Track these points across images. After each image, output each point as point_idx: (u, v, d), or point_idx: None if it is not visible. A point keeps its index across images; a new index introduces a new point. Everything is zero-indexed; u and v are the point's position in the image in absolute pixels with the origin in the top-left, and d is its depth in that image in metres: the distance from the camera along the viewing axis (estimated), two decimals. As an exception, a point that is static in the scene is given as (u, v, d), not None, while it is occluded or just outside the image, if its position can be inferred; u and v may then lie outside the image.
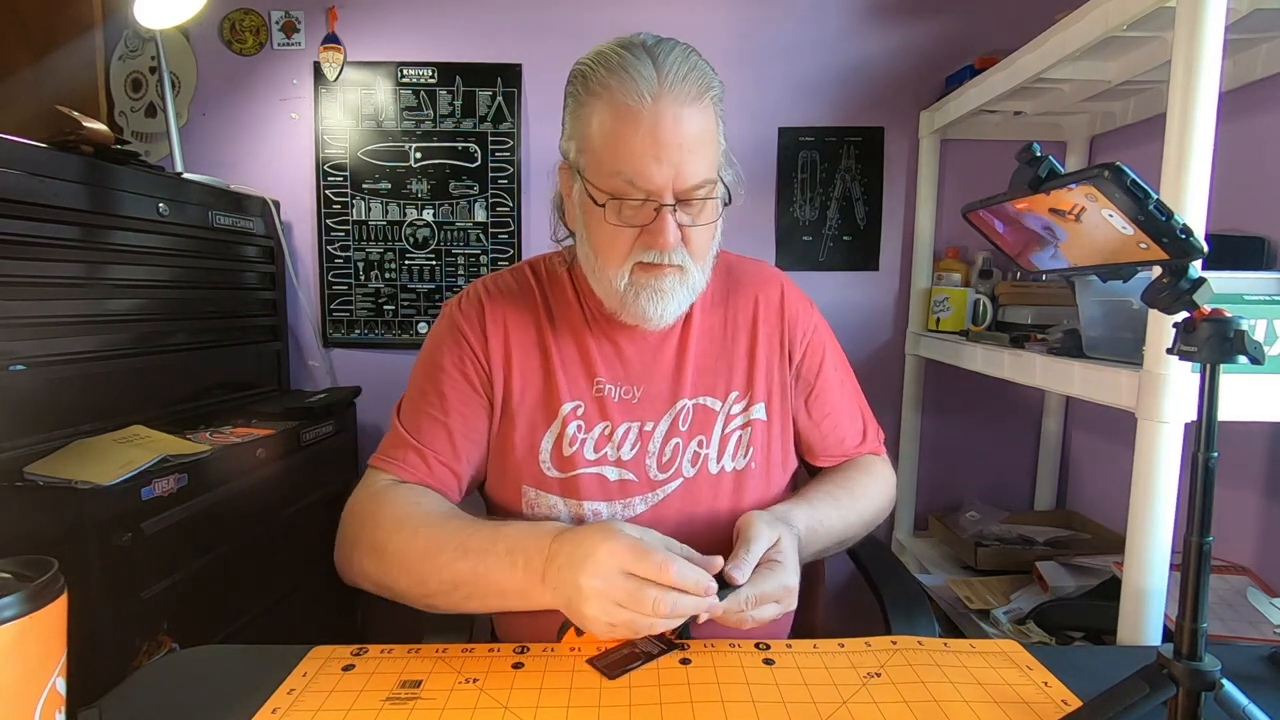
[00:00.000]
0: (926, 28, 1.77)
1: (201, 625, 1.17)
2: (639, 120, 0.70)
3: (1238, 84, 1.22)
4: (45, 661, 0.47)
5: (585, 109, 0.74)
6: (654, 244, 0.73)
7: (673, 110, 0.70)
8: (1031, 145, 0.50)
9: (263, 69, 1.79)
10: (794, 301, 0.93)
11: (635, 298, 0.77)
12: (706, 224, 0.76)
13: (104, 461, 1.03)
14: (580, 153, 0.76)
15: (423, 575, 0.72)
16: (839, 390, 0.94)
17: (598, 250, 0.78)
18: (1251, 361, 0.48)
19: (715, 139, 0.75)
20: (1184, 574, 0.52)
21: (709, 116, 0.73)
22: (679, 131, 0.70)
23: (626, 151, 0.71)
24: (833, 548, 0.86)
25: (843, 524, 0.85)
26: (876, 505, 0.91)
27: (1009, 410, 1.85)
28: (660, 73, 0.70)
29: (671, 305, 0.77)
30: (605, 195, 0.73)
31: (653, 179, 0.71)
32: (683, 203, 0.74)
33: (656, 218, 0.73)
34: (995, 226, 0.60)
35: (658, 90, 0.70)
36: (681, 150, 0.70)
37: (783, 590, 0.68)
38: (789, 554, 0.70)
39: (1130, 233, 0.47)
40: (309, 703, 0.60)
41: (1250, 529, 1.22)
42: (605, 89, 0.71)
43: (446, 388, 0.84)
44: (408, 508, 0.77)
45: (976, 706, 0.60)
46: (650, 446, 0.84)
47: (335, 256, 1.82)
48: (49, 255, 1.11)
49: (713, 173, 0.74)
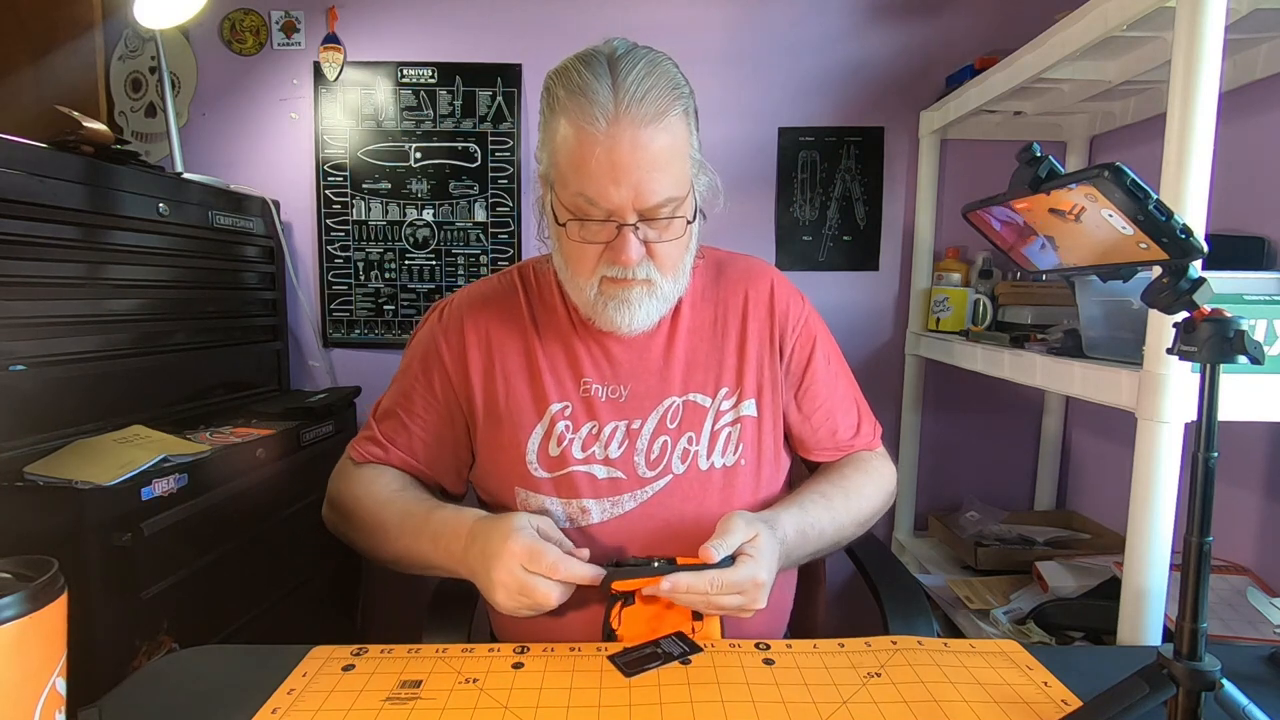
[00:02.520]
0: (926, 28, 1.77)
1: (201, 625, 1.17)
2: (594, 144, 0.70)
3: (1238, 84, 1.22)
4: (45, 661, 0.47)
5: (551, 125, 0.75)
6: (616, 260, 0.74)
7: (629, 133, 0.70)
8: (1031, 145, 0.50)
9: (263, 69, 1.79)
10: (784, 295, 0.92)
11: (604, 308, 0.79)
12: (673, 240, 0.76)
13: (104, 461, 1.03)
14: (550, 166, 0.77)
15: (374, 548, 0.85)
16: (830, 383, 0.93)
17: (567, 261, 0.80)
18: (1251, 361, 0.48)
19: (682, 153, 0.74)
20: (1184, 574, 0.52)
21: (673, 132, 0.72)
22: (636, 153, 0.70)
23: (586, 173, 0.71)
24: (827, 549, 0.86)
25: (835, 526, 0.84)
26: (873, 504, 0.90)
27: (1009, 410, 1.85)
28: (617, 95, 0.70)
29: (640, 315, 0.78)
30: (568, 214, 0.75)
31: (611, 199, 0.71)
32: (648, 220, 0.74)
33: (618, 235, 0.74)
34: (995, 226, 0.60)
35: (613, 114, 0.69)
36: (640, 170, 0.70)
37: (750, 583, 0.68)
38: (764, 552, 0.71)
39: (1130, 233, 0.47)
40: (309, 703, 0.60)
41: (1250, 529, 1.22)
42: (564, 110, 0.72)
43: (416, 399, 0.90)
44: (366, 485, 0.87)
45: (976, 706, 0.60)
46: (638, 444, 0.84)
47: (335, 256, 1.82)
48: (49, 255, 1.11)
49: (678, 189, 0.74)
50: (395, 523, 0.82)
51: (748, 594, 0.68)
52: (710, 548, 0.68)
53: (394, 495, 0.85)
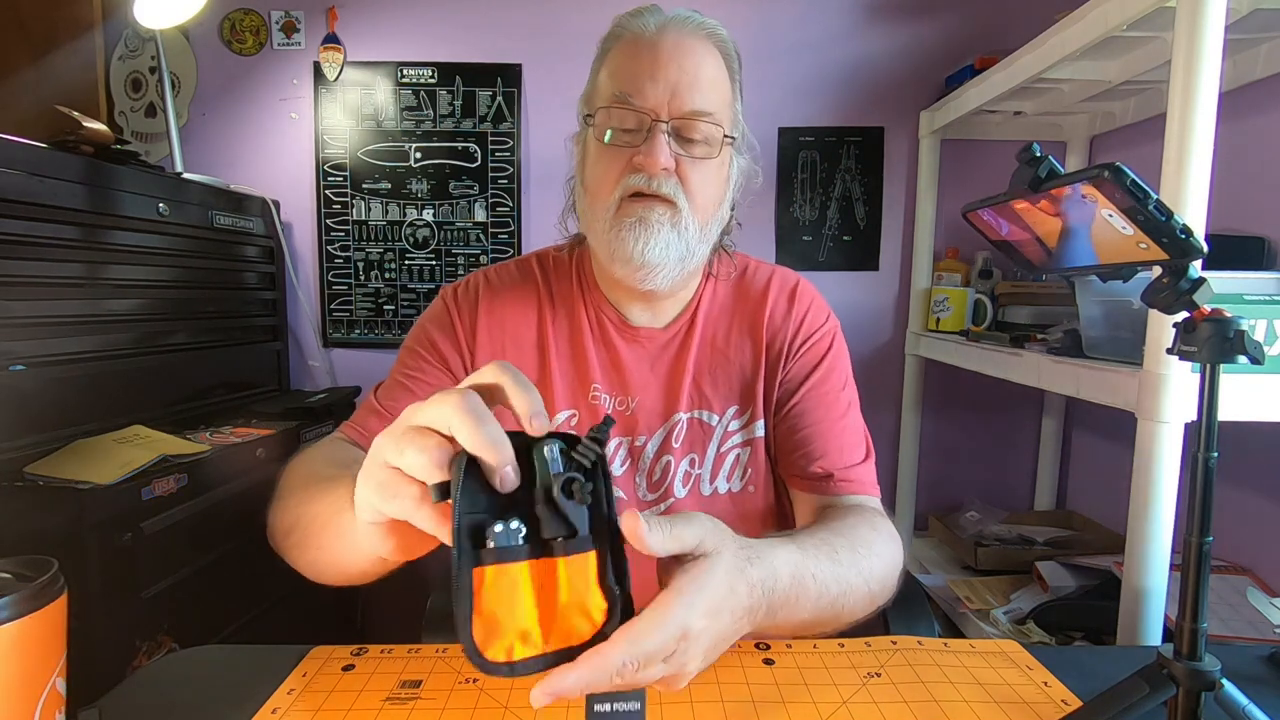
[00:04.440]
0: (926, 28, 1.77)
1: (201, 625, 1.17)
2: (640, 42, 0.72)
3: (1238, 84, 1.22)
4: (45, 661, 0.47)
5: (599, 60, 0.77)
6: (644, 164, 0.70)
7: (674, 36, 0.72)
8: (1031, 145, 0.50)
9: (263, 69, 1.79)
10: (804, 308, 0.84)
11: (621, 232, 0.71)
12: (703, 159, 0.73)
13: (104, 461, 1.03)
14: (587, 99, 0.78)
15: (275, 515, 0.67)
16: (828, 407, 0.80)
17: (589, 184, 0.76)
18: (1251, 361, 0.48)
19: (723, 84, 0.75)
20: (1184, 574, 0.52)
21: (716, 61, 0.74)
22: (679, 53, 0.71)
23: (625, 73, 0.72)
24: (826, 612, 0.59)
25: (838, 584, 0.60)
26: (884, 564, 0.66)
27: (1009, 410, 1.85)
28: (668, 15, 0.74)
29: (656, 244, 0.71)
30: (601, 127, 0.73)
31: (647, 96, 0.71)
32: (682, 136, 0.72)
33: (648, 138, 0.71)
34: (995, 227, 0.60)
35: (664, 21, 0.73)
36: (680, 72, 0.71)
37: (676, 637, 0.42)
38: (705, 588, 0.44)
39: (1130, 233, 0.47)
40: (309, 703, 0.60)
41: (1250, 529, 1.22)
42: (619, 28, 0.75)
43: (424, 368, 0.81)
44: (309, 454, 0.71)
45: (976, 706, 0.60)
46: (640, 463, 0.80)
47: (335, 256, 1.82)
48: (49, 255, 1.11)
49: (716, 110, 0.73)
50: (304, 482, 0.64)
51: (671, 658, 0.42)
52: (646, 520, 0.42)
53: (329, 463, 0.68)
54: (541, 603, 0.40)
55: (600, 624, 0.41)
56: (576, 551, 0.40)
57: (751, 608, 0.48)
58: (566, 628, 0.40)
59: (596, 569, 0.41)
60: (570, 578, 0.40)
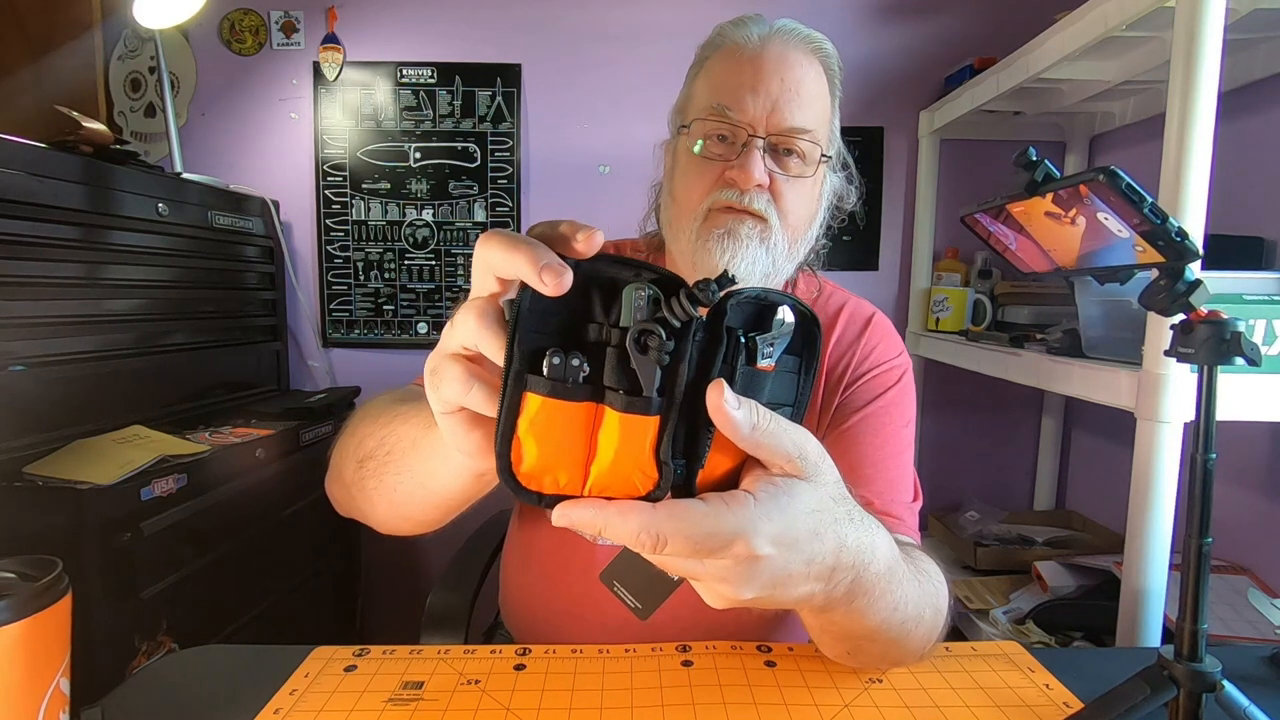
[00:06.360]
0: (926, 28, 1.77)
1: (201, 625, 1.17)
2: (742, 54, 0.70)
3: (1237, 84, 1.22)
4: (49, 661, 0.47)
5: (696, 68, 0.76)
6: (737, 179, 0.68)
7: (778, 48, 0.70)
8: (1028, 149, 0.50)
9: (262, 69, 1.79)
10: (876, 339, 0.80)
11: (706, 242, 0.68)
12: (798, 177, 0.71)
13: (104, 461, 1.03)
14: (681, 111, 0.76)
15: (339, 463, 0.62)
16: (885, 439, 0.75)
17: (677, 194, 0.73)
18: (1248, 363, 0.48)
19: (823, 100, 0.73)
20: (1184, 574, 0.52)
21: (818, 75, 0.72)
22: (781, 66, 0.69)
23: (725, 85, 0.70)
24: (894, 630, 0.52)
25: (915, 606, 0.53)
26: (941, 596, 0.60)
27: (1009, 410, 1.85)
28: (773, 26, 0.72)
29: (743, 258, 0.68)
30: (696, 136, 0.71)
31: (746, 109, 0.69)
32: (778, 152, 0.70)
33: (743, 152, 0.68)
34: (992, 230, 0.60)
35: (768, 33, 0.71)
36: (782, 85, 0.68)
37: (733, 536, 0.35)
38: (788, 505, 0.37)
39: (1126, 235, 0.47)
40: (311, 703, 0.60)
41: (1250, 529, 1.22)
42: (720, 36, 0.74)
43: None
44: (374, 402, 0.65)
45: (979, 711, 0.60)
46: None
47: (335, 256, 1.82)
48: (49, 255, 1.11)
49: (815, 127, 0.70)
50: (380, 414, 0.58)
51: (722, 565, 0.36)
52: (737, 396, 0.35)
53: (406, 398, 0.60)
54: (587, 449, 0.36)
55: (644, 493, 0.36)
56: (635, 411, 0.34)
57: (835, 569, 0.40)
58: (606, 484, 0.36)
59: (654, 437, 0.35)
60: (623, 437, 0.35)
